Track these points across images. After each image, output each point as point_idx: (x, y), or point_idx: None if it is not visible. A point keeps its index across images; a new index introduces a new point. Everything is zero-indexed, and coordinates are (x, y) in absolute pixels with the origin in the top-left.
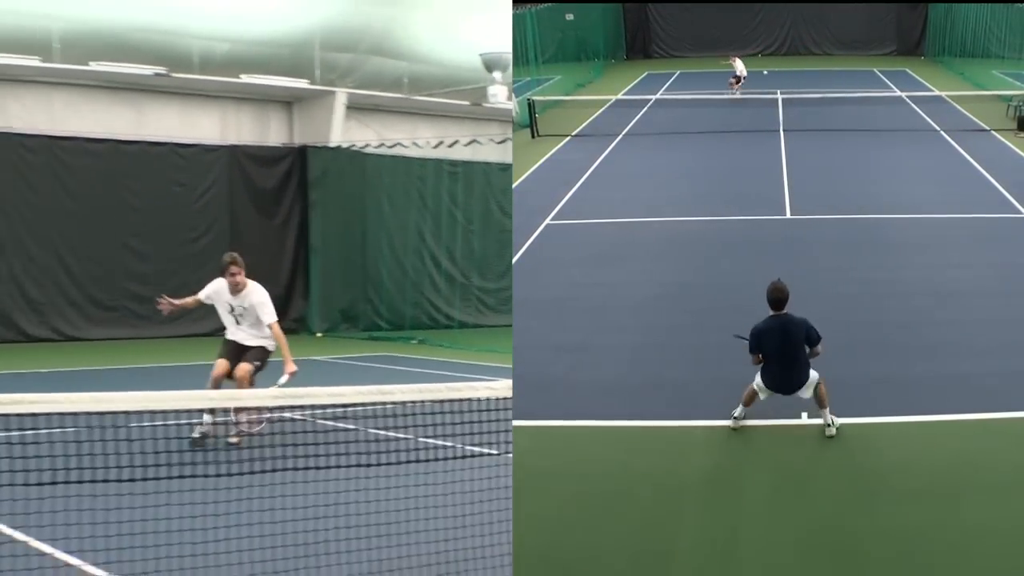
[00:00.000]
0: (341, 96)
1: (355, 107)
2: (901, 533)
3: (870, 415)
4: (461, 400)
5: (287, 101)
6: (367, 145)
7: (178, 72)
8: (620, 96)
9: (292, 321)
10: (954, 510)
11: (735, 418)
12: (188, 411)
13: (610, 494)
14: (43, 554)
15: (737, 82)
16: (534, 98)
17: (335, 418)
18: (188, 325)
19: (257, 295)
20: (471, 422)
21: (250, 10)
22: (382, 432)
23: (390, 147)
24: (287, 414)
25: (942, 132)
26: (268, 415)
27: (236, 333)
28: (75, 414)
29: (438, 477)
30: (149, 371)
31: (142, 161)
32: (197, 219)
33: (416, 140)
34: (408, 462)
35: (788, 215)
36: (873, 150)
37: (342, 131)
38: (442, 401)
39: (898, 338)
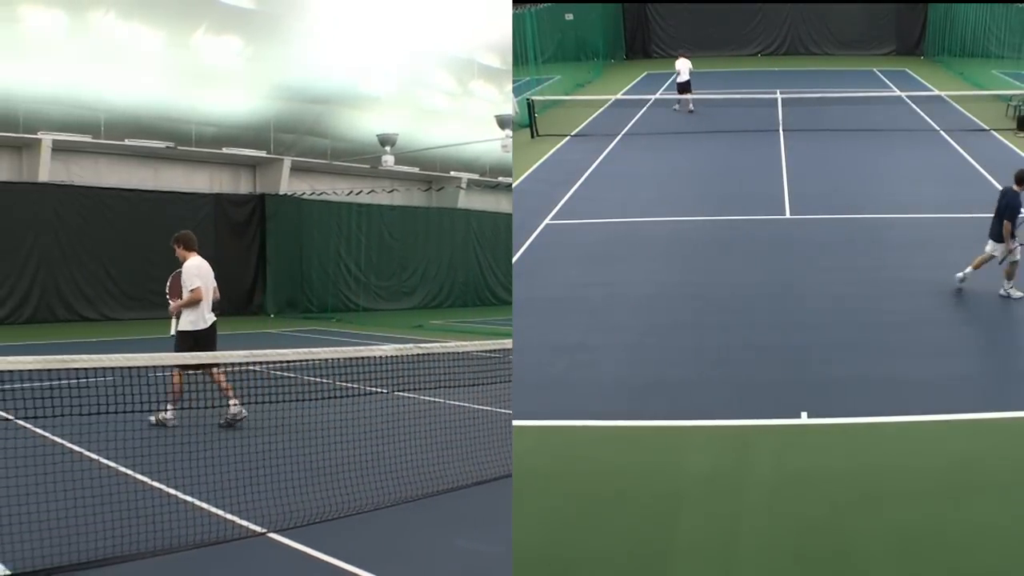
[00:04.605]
0: (287, 161)
1: (296, 168)
2: (901, 533)
3: (870, 415)
4: (364, 357)
5: (252, 164)
6: (304, 193)
7: (182, 146)
8: (620, 96)
9: (255, 306)
10: (954, 510)
11: (965, 276)
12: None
13: (610, 494)
14: (92, 460)
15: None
16: (534, 98)
17: (280, 369)
18: None
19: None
20: (370, 372)
21: (229, 105)
22: (314, 379)
23: (319, 195)
24: (251, 367)
25: (942, 132)
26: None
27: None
28: (112, 368)
29: (347, 406)
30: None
31: (158, 204)
32: None
33: (335, 190)
34: (328, 398)
35: (788, 215)
36: (873, 150)
37: (288, 184)
38: (352, 358)
39: (898, 338)
